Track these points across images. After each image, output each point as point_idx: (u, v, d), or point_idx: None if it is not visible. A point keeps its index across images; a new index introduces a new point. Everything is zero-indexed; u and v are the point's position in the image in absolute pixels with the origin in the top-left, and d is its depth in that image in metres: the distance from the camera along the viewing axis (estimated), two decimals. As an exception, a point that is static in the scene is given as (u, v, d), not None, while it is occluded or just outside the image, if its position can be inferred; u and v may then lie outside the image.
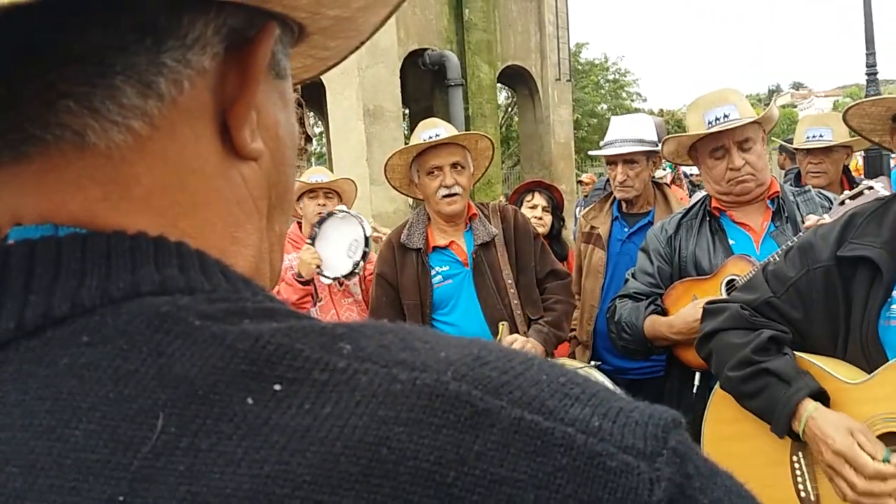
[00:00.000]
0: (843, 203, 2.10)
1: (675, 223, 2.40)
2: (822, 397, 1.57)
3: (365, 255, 2.98)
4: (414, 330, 0.38)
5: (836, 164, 3.44)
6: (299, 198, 3.32)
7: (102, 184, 0.39)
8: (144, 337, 0.35)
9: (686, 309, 2.24)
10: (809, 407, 1.54)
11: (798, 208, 2.28)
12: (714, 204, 2.35)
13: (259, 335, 0.35)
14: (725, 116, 2.23)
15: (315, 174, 3.56)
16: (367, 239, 2.98)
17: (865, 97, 8.70)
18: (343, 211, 3.14)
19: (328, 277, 3.03)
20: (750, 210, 2.31)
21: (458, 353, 0.36)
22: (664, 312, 2.35)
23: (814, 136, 3.38)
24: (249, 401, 0.33)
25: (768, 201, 2.32)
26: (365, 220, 3.06)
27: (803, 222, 2.17)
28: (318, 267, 2.98)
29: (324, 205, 3.32)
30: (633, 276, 2.46)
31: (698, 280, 2.29)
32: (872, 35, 8.84)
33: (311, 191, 3.35)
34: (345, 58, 0.56)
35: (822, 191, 2.42)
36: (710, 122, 2.26)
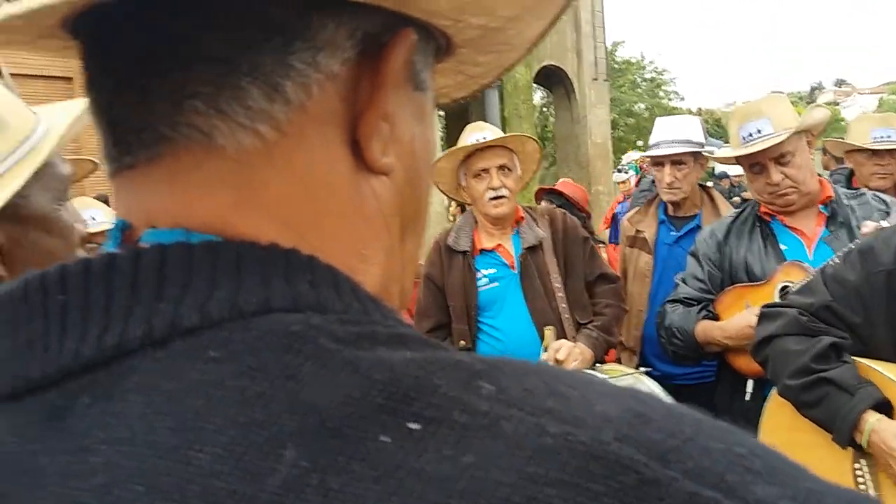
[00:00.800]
0: None
1: (725, 228, 2.37)
2: (884, 407, 1.54)
3: None
4: (559, 373, 0.34)
5: None
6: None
7: (232, 188, 0.38)
8: (274, 357, 0.33)
9: (740, 315, 2.20)
10: (872, 419, 1.52)
11: (853, 212, 2.22)
12: (764, 209, 2.31)
13: (396, 365, 0.32)
14: (759, 132, 2.19)
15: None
16: None
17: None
18: None
19: None
20: (802, 215, 2.26)
21: (616, 407, 0.32)
22: (715, 318, 2.31)
23: (881, 137, 3.28)
24: (384, 439, 0.30)
25: (820, 206, 2.26)
26: None
27: (859, 227, 2.12)
28: None
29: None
30: (684, 280, 2.43)
31: (751, 286, 2.25)
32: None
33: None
34: (499, 76, 0.53)
35: (877, 193, 2.35)
36: (744, 139, 2.23)
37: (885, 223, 2.01)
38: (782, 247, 2.25)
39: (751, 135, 2.21)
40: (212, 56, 0.36)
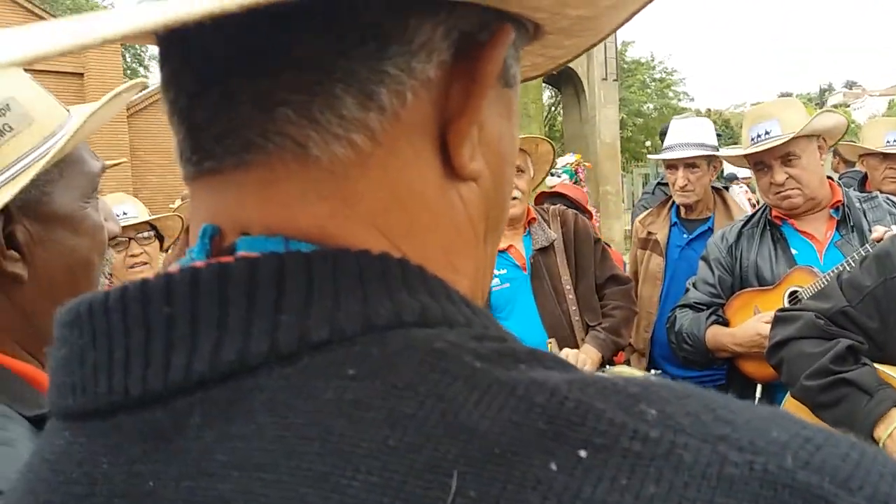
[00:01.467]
0: None
1: (736, 232, 2.37)
2: None
3: None
4: (710, 395, 0.32)
5: None
6: None
7: (328, 199, 0.36)
8: (419, 376, 0.30)
9: (750, 321, 2.20)
10: (894, 418, 1.51)
11: (865, 216, 2.21)
12: (775, 213, 2.31)
13: (555, 388, 0.30)
14: (767, 133, 2.21)
15: None
16: None
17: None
18: None
19: None
20: (813, 219, 2.26)
21: (785, 431, 0.30)
22: (725, 323, 2.32)
23: (895, 141, 3.26)
24: (553, 466, 0.28)
25: (831, 210, 2.26)
26: None
27: (871, 231, 2.11)
28: None
29: None
30: (694, 285, 2.43)
31: (760, 291, 2.25)
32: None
33: None
34: (577, 56, 0.51)
35: (890, 197, 2.34)
36: (752, 139, 2.26)
37: (895, 227, 2.00)
38: (793, 251, 2.24)
39: (759, 136, 2.24)
40: (303, 62, 0.35)
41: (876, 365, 1.61)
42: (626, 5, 0.43)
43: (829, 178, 2.37)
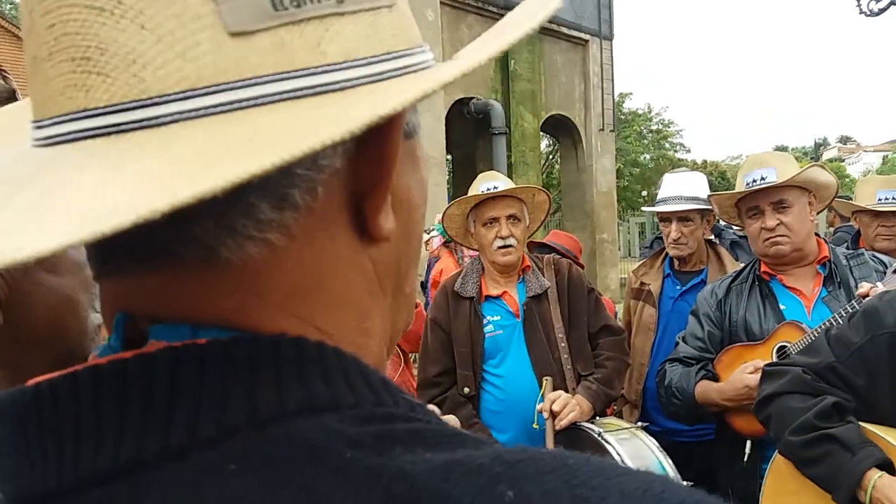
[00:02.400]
0: None
1: (726, 287, 2.40)
2: (887, 468, 1.53)
3: None
4: (578, 468, 0.33)
5: None
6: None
7: (236, 294, 0.37)
8: (293, 470, 0.32)
9: (735, 374, 2.21)
10: (875, 477, 1.51)
11: (851, 272, 2.24)
12: (764, 268, 2.34)
13: (415, 477, 0.32)
14: (763, 179, 2.26)
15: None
16: None
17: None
18: None
19: None
20: (800, 275, 2.30)
21: None
22: (715, 378, 2.32)
23: (887, 199, 3.30)
24: None
25: (818, 266, 2.29)
26: None
27: (857, 287, 2.14)
28: None
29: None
30: (684, 339, 2.45)
31: (749, 346, 2.27)
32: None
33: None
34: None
35: (875, 254, 2.38)
36: (747, 184, 2.30)
37: (880, 284, 2.03)
38: (781, 306, 2.27)
39: (755, 180, 2.28)
40: None
41: (862, 423, 1.62)
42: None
43: (816, 234, 2.41)
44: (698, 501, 0.32)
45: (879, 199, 3.34)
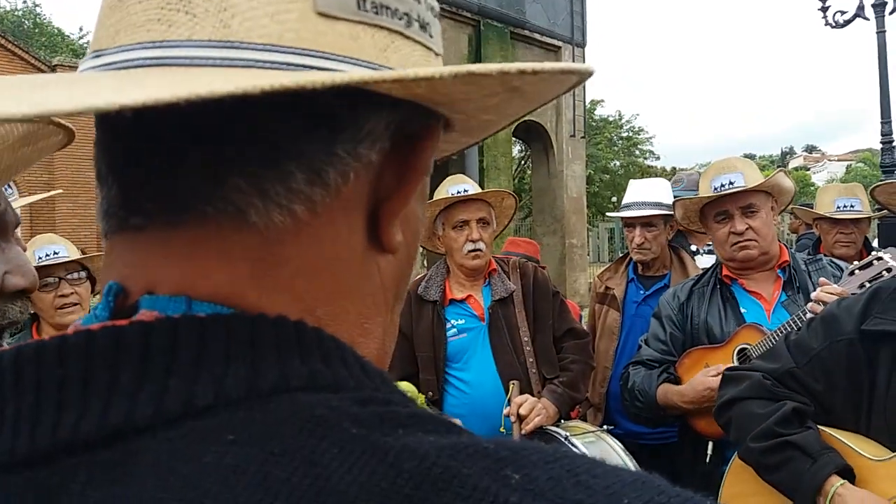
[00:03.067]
0: (852, 273, 2.09)
1: (688, 290, 2.42)
2: (847, 474, 1.54)
3: None
4: (579, 459, 0.34)
5: (863, 233, 3.44)
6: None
7: (252, 260, 0.38)
8: (297, 441, 0.32)
9: (696, 378, 2.23)
10: (836, 484, 1.52)
11: (810, 277, 2.27)
12: (725, 272, 2.36)
13: (425, 454, 0.32)
14: (731, 183, 2.27)
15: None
16: None
17: (881, 164, 8.70)
18: None
19: None
20: (761, 279, 2.32)
21: (640, 498, 0.32)
22: (677, 380, 2.34)
23: (845, 207, 3.36)
24: None
25: (778, 270, 2.32)
26: None
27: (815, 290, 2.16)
28: None
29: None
30: (646, 342, 2.46)
31: (710, 349, 2.29)
32: (888, 103, 8.91)
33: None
34: (483, 140, 0.56)
35: (833, 260, 2.42)
36: (715, 188, 2.32)
37: (834, 286, 2.05)
38: (742, 310, 2.29)
39: (723, 185, 2.29)
40: (261, 139, 0.37)
41: (821, 427, 1.63)
42: (516, 114, 0.48)
43: (778, 240, 2.43)
44: (689, 497, 0.33)
45: (838, 207, 3.40)
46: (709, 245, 3.61)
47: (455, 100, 0.41)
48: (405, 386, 2.31)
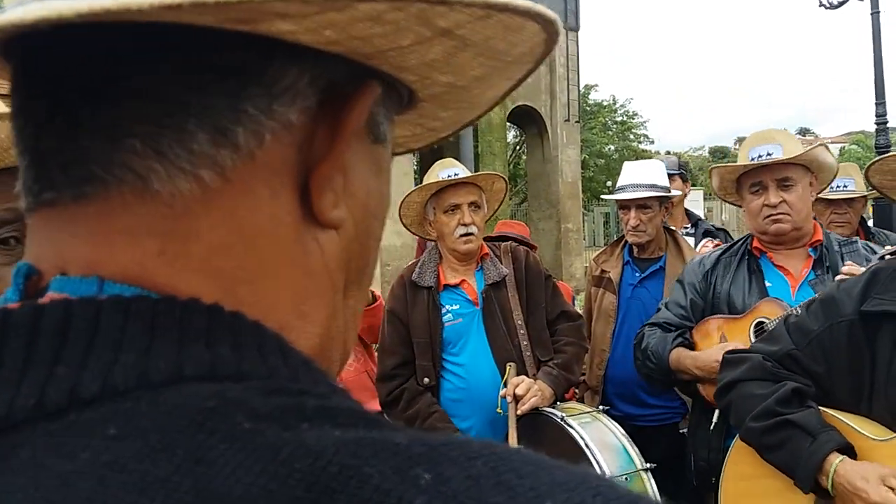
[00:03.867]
0: (882, 259, 2.05)
1: (714, 258, 2.38)
2: (848, 452, 1.53)
3: None
4: (507, 456, 0.31)
5: (858, 213, 3.43)
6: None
7: (160, 235, 0.35)
8: (182, 436, 0.29)
9: (714, 349, 2.20)
10: (836, 461, 1.51)
11: (842, 259, 2.22)
12: (755, 244, 2.32)
13: (320, 452, 0.29)
14: (769, 154, 2.21)
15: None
16: None
17: (875, 146, 8.71)
18: None
19: None
20: (791, 255, 2.27)
21: (570, 500, 0.29)
22: (691, 346, 2.32)
23: (839, 187, 3.33)
24: None
25: (810, 249, 2.27)
26: None
27: None
28: None
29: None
30: (666, 306, 2.44)
31: (729, 318, 2.26)
32: (883, 84, 8.90)
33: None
34: (457, 131, 0.53)
35: (868, 243, 2.36)
36: (752, 159, 2.26)
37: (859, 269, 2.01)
38: (767, 284, 2.25)
39: (760, 156, 2.23)
40: (156, 93, 0.34)
41: (823, 409, 1.61)
42: (496, 80, 0.45)
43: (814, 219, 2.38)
44: (635, 499, 0.30)
45: (832, 188, 3.37)
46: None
47: (380, 48, 0.37)
48: None
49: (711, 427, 2.23)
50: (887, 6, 9.19)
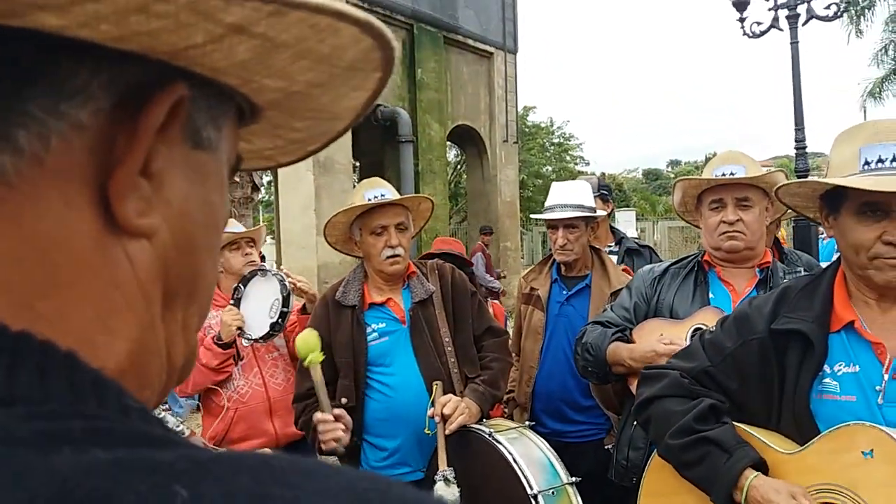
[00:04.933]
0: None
1: (664, 267, 2.46)
2: (761, 467, 1.56)
3: (283, 315, 2.82)
4: (280, 467, 0.30)
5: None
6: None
7: None
8: None
9: (649, 342, 2.26)
10: (751, 476, 1.54)
11: None
12: (706, 258, 2.40)
13: (69, 475, 0.27)
14: (732, 174, 2.30)
15: (230, 226, 3.10)
16: (285, 298, 2.84)
17: (795, 170, 9.09)
18: (264, 269, 3.01)
19: (248, 339, 2.88)
20: (738, 272, 2.35)
21: None
22: (629, 343, 2.37)
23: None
24: None
25: (757, 269, 2.35)
26: (284, 277, 2.92)
27: None
28: (240, 329, 2.86)
29: (249, 254, 3.12)
30: (612, 307, 2.50)
31: (668, 322, 2.32)
32: (802, 113, 9.31)
33: (233, 243, 3.10)
34: (328, 143, 0.50)
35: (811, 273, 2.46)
36: (716, 176, 2.34)
37: None
38: (710, 295, 2.32)
39: (724, 174, 2.31)
40: None
41: (737, 424, 1.65)
42: (346, 89, 0.43)
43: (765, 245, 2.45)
44: (407, 498, 0.30)
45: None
46: None
47: (175, 45, 0.35)
48: (310, 337, 2.22)
49: (634, 426, 2.29)
50: (805, 36, 9.65)
